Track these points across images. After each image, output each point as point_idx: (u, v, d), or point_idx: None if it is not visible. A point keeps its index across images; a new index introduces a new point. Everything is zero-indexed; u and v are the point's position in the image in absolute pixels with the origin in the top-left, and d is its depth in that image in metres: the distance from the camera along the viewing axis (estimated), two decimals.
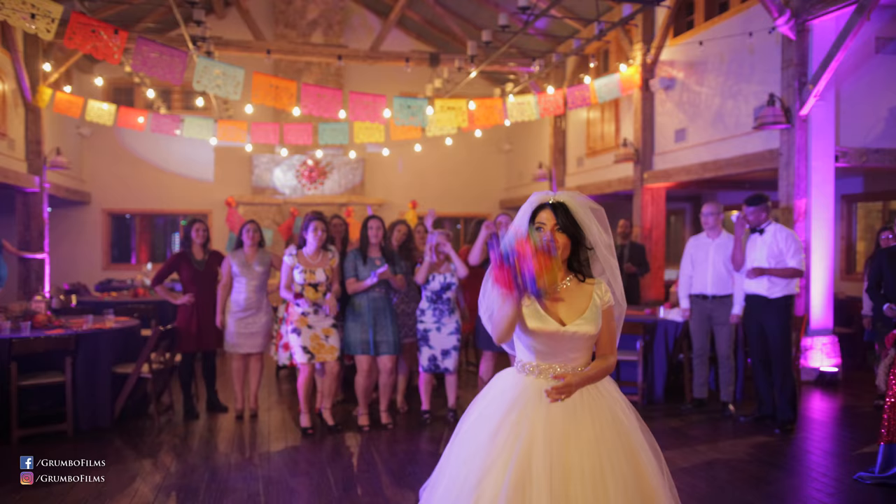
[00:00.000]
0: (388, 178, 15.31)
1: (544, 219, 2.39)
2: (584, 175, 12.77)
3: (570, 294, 2.42)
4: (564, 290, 2.41)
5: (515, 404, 2.36)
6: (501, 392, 2.45)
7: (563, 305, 2.39)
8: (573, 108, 10.01)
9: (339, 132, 10.54)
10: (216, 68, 7.54)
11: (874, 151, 7.58)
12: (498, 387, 2.49)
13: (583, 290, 2.43)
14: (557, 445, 2.25)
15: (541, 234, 2.36)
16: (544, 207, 2.42)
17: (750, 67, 8.38)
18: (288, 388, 7.35)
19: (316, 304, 5.34)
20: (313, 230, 5.32)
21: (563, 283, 2.42)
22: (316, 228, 5.32)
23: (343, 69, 14.24)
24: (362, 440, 5.37)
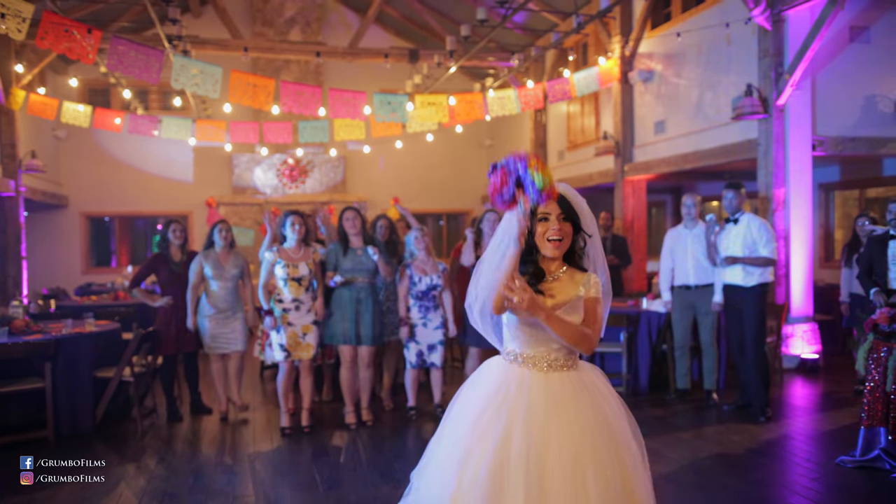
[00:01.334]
0: (369, 175, 15.26)
1: (549, 209, 2.39)
2: (565, 168, 12.80)
3: (562, 285, 2.45)
4: (556, 282, 2.45)
5: (499, 390, 2.40)
6: (487, 378, 2.49)
7: (552, 295, 2.43)
8: (553, 101, 10.03)
9: (319, 130, 10.48)
10: (193, 67, 7.47)
11: (850, 140, 7.67)
12: (484, 373, 2.54)
13: (574, 281, 2.45)
14: (537, 433, 2.28)
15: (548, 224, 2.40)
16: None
17: (727, 58, 8.43)
18: (272, 387, 7.30)
19: (297, 299, 5.31)
20: (291, 224, 5.31)
21: (558, 273, 2.46)
22: (294, 223, 5.31)
23: (322, 67, 14.15)
24: (349, 438, 5.35)
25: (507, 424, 2.31)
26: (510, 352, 2.49)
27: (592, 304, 2.44)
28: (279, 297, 5.33)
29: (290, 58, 12.65)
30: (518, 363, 2.45)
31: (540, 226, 2.40)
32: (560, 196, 2.41)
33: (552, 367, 2.42)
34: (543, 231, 2.40)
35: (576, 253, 2.47)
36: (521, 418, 2.31)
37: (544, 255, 2.43)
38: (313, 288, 5.44)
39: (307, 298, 5.38)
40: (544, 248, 2.41)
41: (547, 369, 2.42)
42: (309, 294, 5.40)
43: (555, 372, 2.42)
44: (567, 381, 2.41)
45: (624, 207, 10.61)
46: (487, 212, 6.04)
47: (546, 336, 2.41)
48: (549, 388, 2.38)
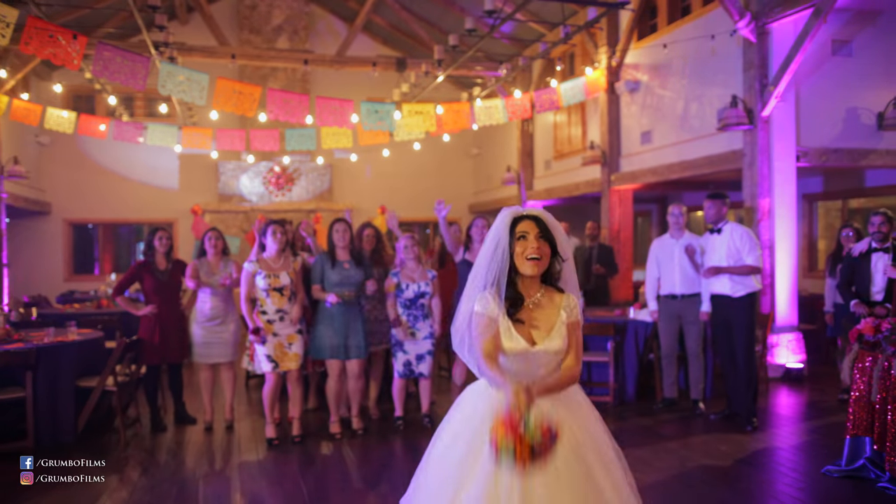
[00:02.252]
0: (356, 183, 15.23)
1: (527, 228, 2.40)
2: (551, 178, 12.85)
3: (541, 310, 2.44)
4: (536, 307, 2.43)
5: (485, 420, 2.32)
6: (475, 406, 2.45)
7: (534, 324, 2.41)
8: (541, 111, 10.07)
9: (306, 138, 10.45)
10: (180, 73, 7.42)
11: (833, 151, 7.75)
12: (469, 401, 2.50)
13: (553, 304, 2.45)
14: None
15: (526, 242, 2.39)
16: (523, 219, 2.44)
17: (712, 70, 8.51)
18: (257, 397, 7.22)
19: (281, 310, 5.27)
20: (272, 233, 5.29)
21: (537, 296, 2.45)
22: (275, 231, 5.29)
23: (309, 74, 14.14)
24: (335, 448, 5.30)
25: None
26: None
27: (575, 330, 2.44)
28: (263, 308, 5.28)
29: (277, 65, 12.64)
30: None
31: (518, 245, 2.39)
32: (537, 217, 2.44)
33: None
34: (522, 250, 2.38)
35: (552, 275, 2.47)
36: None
37: (523, 273, 2.40)
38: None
39: (291, 309, 5.34)
40: (523, 266, 2.39)
41: None
42: (293, 304, 5.36)
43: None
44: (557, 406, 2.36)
45: (610, 217, 10.65)
46: (477, 218, 6.05)
47: (532, 366, 2.40)
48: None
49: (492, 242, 2.43)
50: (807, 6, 7.00)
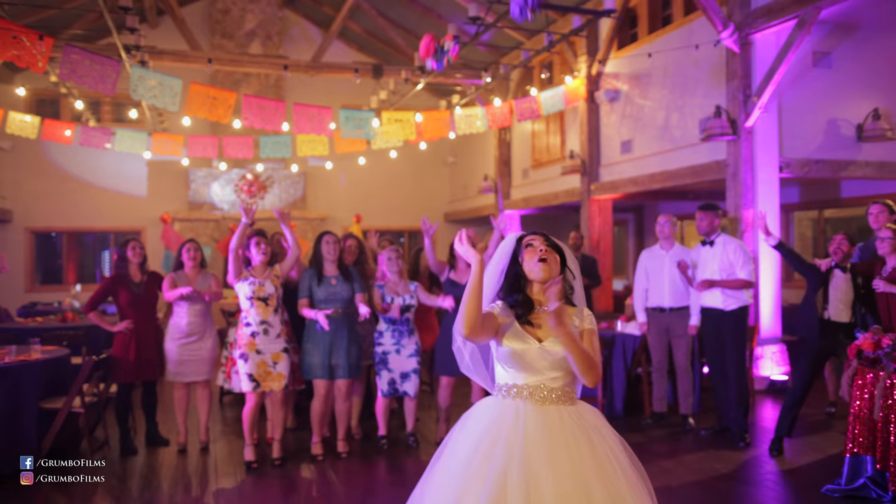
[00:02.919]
0: (330, 192, 14.98)
1: (534, 239, 2.50)
2: (529, 187, 12.76)
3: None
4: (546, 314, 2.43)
5: (491, 427, 2.31)
6: (478, 416, 2.40)
7: (544, 327, 2.41)
8: (521, 120, 9.96)
9: (281, 145, 10.19)
10: (152, 78, 7.13)
11: (815, 162, 7.76)
12: (476, 412, 2.44)
13: (565, 314, 2.39)
14: (536, 468, 2.18)
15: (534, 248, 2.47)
16: (529, 234, 2.53)
17: (694, 80, 8.48)
18: (232, 415, 6.96)
19: (266, 321, 5.03)
20: (255, 244, 5.04)
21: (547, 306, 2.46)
22: (258, 243, 5.04)
23: (283, 81, 13.87)
24: (317, 471, 5.06)
25: (504, 462, 2.19)
26: (502, 385, 2.41)
27: (591, 336, 2.43)
28: (247, 319, 5.03)
29: (250, 71, 12.34)
30: (511, 396, 2.37)
31: (526, 252, 2.46)
32: (544, 234, 2.52)
33: (548, 400, 2.34)
34: (531, 256, 2.44)
35: (565, 290, 2.49)
36: (517, 453, 2.20)
37: (533, 279, 2.44)
38: (282, 308, 5.18)
39: (276, 321, 5.10)
40: (532, 271, 2.43)
41: (542, 401, 2.33)
42: (278, 317, 5.12)
43: (551, 405, 2.33)
44: (566, 416, 2.32)
45: (590, 227, 10.57)
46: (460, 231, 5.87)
47: (540, 365, 2.35)
48: (546, 421, 2.28)
49: (499, 256, 2.51)
50: (791, 17, 6.99)
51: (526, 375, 2.36)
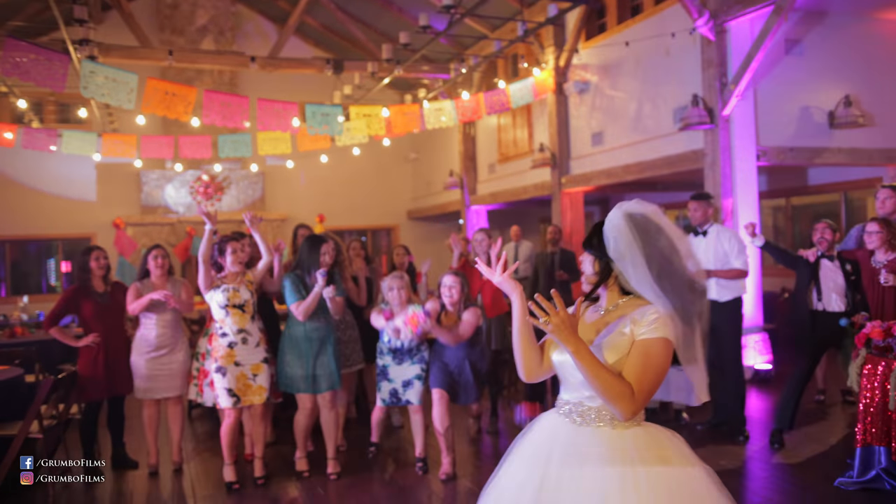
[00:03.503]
0: (290, 191, 14.53)
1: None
2: (497, 182, 12.56)
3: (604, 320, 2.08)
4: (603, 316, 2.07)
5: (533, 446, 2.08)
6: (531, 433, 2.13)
7: (593, 333, 2.04)
8: (490, 113, 9.75)
9: (241, 144, 9.75)
10: (104, 73, 6.64)
11: (790, 150, 7.73)
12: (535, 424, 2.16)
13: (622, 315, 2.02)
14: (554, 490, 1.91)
15: None
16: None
17: (666, 69, 8.38)
18: (204, 431, 6.55)
19: (243, 330, 4.67)
20: (232, 253, 4.66)
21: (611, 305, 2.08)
22: (235, 250, 4.67)
23: (238, 78, 13.37)
24: (304, 490, 4.73)
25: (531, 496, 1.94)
26: (558, 398, 2.13)
27: (643, 348, 1.88)
28: (222, 329, 4.65)
29: (204, 67, 11.82)
30: (559, 411, 2.07)
31: None
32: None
33: (585, 420, 1.96)
34: None
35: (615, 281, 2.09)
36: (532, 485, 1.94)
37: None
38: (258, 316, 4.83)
39: (254, 329, 4.74)
40: None
41: (579, 422, 1.98)
42: (255, 324, 4.77)
43: (587, 426, 1.95)
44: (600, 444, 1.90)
45: (562, 220, 10.42)
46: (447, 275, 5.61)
47: (575, 380, 2.00)
48: (570, 450, 1.92)
49: None
50: (766, 4, 6.92)
51: (567, 390, 2.05)
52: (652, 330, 1.90)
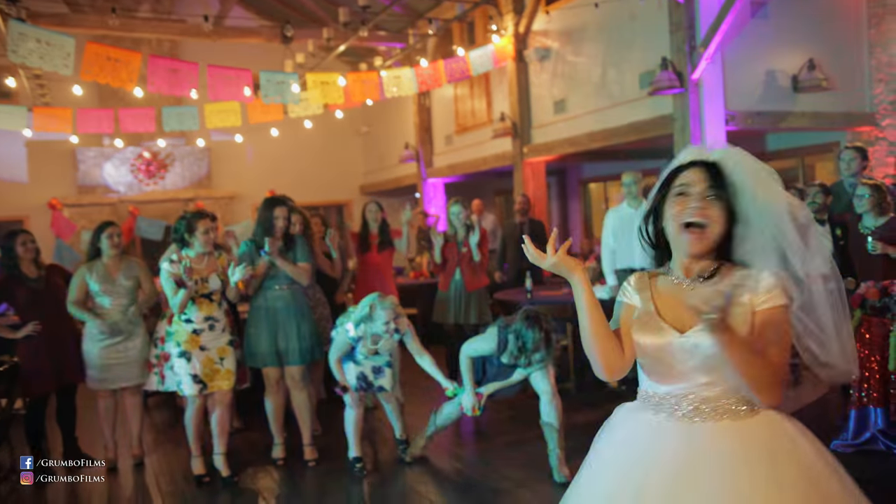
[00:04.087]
0: (238, 167, 13.90)
1: (692, 179, 1.66)
2: (455, 153, 12.26)
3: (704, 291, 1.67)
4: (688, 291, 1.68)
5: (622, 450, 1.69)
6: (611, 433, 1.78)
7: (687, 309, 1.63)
8: (451, 81, 9.41)
9: (186, 116, 9.17)
10: (36, 35, 6.03)
11: (757, 114, 7.68)
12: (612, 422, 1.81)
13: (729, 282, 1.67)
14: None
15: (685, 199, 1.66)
16: (689, 167, 1.70)
17: (631, 34, 8.20)
18: (162, 419, 6.15)
19: (211, 317, 4.30)
20: (203, 232, 4.25)
21: (704, 273, 1.69)
22: (206, 230, 4.26)
23: (178, 49, 12.62)
24: (281, 480, 4.42)
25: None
26: (641, 391, 1.76)
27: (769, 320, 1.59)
28: (187, 316, 4.26)
29: (142, 36, 11.08)
30: (650, 408, 1.70)
31: (675, 203, 1.66)
32: (714, 163, 1.67)
33: (700, 413, 1.62)
34: (678, 210, 1.65)
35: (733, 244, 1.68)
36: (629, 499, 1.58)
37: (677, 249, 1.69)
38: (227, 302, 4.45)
39: (221, 315, 4.37)
40: (677, 238, 1.66)
41: (691, 416, 1.62)
42: (222, 309, 4.40)
43: (705, 422, 1.61)
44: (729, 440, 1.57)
45: (524, 190, 10.20)
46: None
47: (685, 367, 1.63)
48: (692, 452, 1.57)
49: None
50: None
51: (665, 381, 1.67)
52: (775, 297, 1.61)
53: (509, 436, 4.98)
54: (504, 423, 5.24)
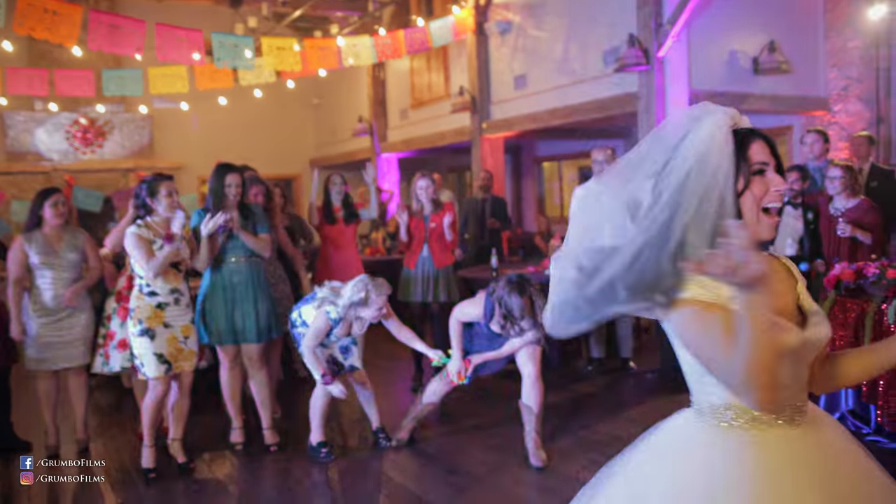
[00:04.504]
0: (182, 137, 13.27)
1: (765, 154, 1.43)
2: (410, 128, 11.98)
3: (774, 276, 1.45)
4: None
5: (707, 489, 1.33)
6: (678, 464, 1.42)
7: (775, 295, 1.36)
8: (412, 52, 9.13)
9: (129, 81, 8.56)
10: None
11: (720, 95, 7.65)
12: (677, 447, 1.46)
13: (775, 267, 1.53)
14: None
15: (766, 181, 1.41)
16: (754, 138, 1.46)
17: (595, 9, 8.07)
18: (107, 402, 5.79)
19: (177, 290, 3.98)
20: (167, 195, 3.91)
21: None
22: (170, 192, 3.93)
23: (118, 6, 11.89)
24: (241, 466, 4.17)
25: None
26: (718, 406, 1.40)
27: None
28: (150, 288, 3.92)
29: None
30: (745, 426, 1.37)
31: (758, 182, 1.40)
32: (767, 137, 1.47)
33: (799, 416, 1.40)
34: (760, 193, 1.40)
35: None
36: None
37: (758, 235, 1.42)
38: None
39: (185, 289, 4.07)
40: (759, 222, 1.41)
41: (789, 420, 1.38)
42: (186, 283, 4.09)
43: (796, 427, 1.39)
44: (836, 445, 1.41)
45: (483, 167, 10.03)
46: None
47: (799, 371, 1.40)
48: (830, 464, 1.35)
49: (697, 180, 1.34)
50: None
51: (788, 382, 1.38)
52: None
53: (477, 418, 4.84)
54: (469, 405, 5.10)
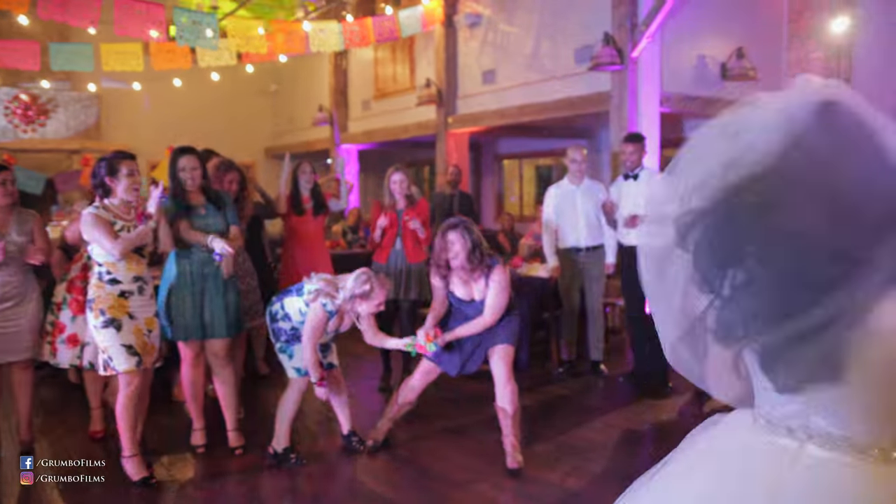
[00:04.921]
0: (132, 119, 12.71)
1: None
2: (372, 119, 11.75)
3: None
4: None
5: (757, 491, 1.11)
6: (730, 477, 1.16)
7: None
8: (380, 41, 8.90)
9: (79, 56, 8.09)
10: None
11: (692, 99, 7.70)
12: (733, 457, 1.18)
13: None
14: None
15: None
16: None
17: (569, 6, 8.01)
18: (52, 397, 5.41)
19: (140, 277, 3.68)
20: (128, 175, 3.60)
21: None
22: (131, 172, 3.62)
23: None
24: (204, 470, 3.92)
25: None
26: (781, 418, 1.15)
27: None
28: (111, 276, 3.61)
29: None
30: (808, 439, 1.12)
31: None
32: None
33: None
34: None
35: None
36: None
37: None
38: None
39: (149, 277, 3.77)
40: None
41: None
42: (150, 271, 3.80)
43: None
44: None
45: (448, 162, 9.88)
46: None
47: None
48: None
49: None
50: None
51: None
52: None
53: (450, 420, 4.69)
54: (441, 405, 4.94)
